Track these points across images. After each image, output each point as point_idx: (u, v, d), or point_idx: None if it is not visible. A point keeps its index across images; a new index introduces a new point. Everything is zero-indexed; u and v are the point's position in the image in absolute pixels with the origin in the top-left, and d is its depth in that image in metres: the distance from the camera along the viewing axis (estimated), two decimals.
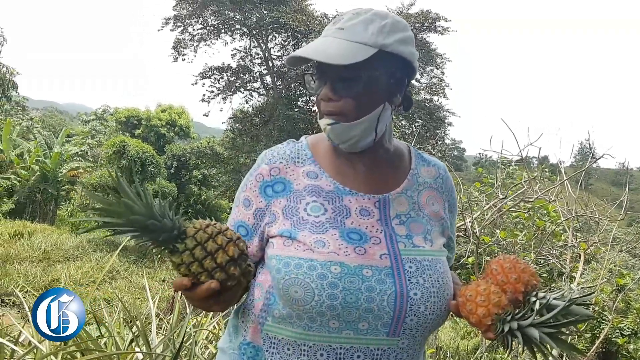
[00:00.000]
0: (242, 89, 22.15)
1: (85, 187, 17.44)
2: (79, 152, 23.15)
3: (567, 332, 0.97)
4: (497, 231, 4.11)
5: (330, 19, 20.74)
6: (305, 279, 1.00)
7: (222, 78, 21.90)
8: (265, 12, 19.86)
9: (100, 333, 2.74)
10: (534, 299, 0.99)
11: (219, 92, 21.69)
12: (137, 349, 2.47)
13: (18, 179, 18.76)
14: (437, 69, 20.72)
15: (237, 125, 21.31)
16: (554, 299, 0.98)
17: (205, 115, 21.98)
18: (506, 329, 0.95)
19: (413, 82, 18.88)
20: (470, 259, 3.87)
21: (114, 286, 9.74)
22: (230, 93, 21.80)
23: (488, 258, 5.26)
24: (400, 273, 1.04)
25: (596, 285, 4.11)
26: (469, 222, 3.54)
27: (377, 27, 1.05)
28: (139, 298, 8.97)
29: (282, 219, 1.09)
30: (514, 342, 0.96)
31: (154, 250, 0.88)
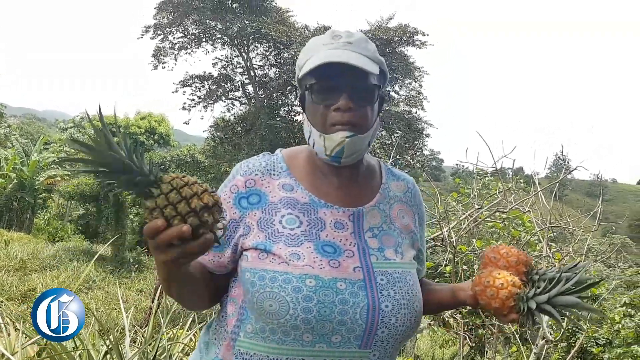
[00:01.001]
0: (223, 98, 22.13)
1: (62, 196, 17.15)
2: (57, 160, 22.78)
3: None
4: (474, 240, 4.18)
5: (312, 30, 20.94)
6: (280, 292, 1.00)
7: (203, 86, 21.85)
8: (246, 22, 19.92)
9: (75, 345, 2.69)
10: (536, 276, 1.06)
11: (200, 100, 21.63)
12: None
13: None
14: (415, 81, 20.99)
15: (218, 133, 21.24)
16: (555, 273, 1.05)
17: (186, 123, 21.87)
18: (533, 305, 1.00)
19: (392, 94, 18.96)
20: (448, 268, 3.93)
21: (90, 296, 9.60)
22: (212, 101, 21.76)
23: (465, 267, 5.33)
24: (372, 286, 1.05)
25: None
26: (446, 231, 3.61)
27: (373, 47, 1.13)
28: (115, 309, 8.84)
29: (257, 231, 1.09)
30: (537, 318, 1.01)
31: (131, 193, 0.85)
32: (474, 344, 6.92)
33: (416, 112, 20.89)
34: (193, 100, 21.56)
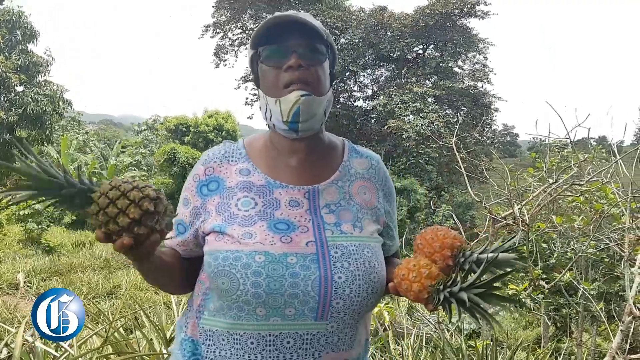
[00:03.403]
0: None
1: None
2: (133, 162, 23.99)
3: (500, 286, 0.98)
4: (554, 217, 3.97)
5: (367, 12, 20.68)
6: (231, 269, 1.04)
7: None
8: (301, 11, 19.95)
9: (147, 337, 2.85)
10: (462, 259, 1.02)
11: None
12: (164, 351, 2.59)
13: None
14: (480, 54, 20.22)
15: None
16: (480, 254, 1.00)
17: (250, 117, 22.35)
18: (441, 297, 0.97)
19: (455, 69, 18.35)
20: (524, 247, 3.74)
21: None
22: None
23: (545, 245, 5.08)
24: (325, 258, 1.07)
25: None
26: (518, 209, 3.42)
27: (319, 23, 1.16)
28: None
29: (215, 215, 1.13)
30: (454, 309, 0.97)
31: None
32: (559, 324, 6.61)
33: (482, 87, 20.14)
34: (255, 94, 21.96)
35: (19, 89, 13.49)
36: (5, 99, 13.29)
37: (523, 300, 3.60)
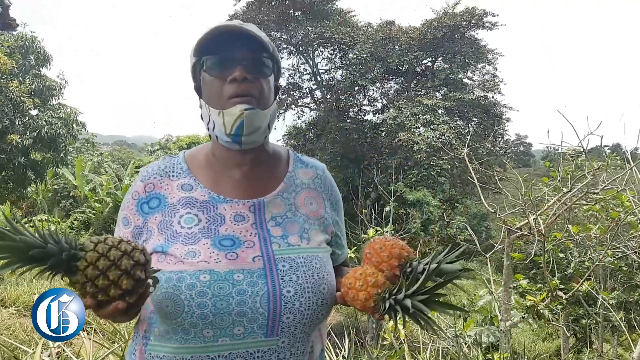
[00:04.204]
0: (293, 106, 22.49)
1: None
2: None
3: (444, 293, 0.98)
4: (570, 226, 3.92)
5: (375, 27, 20.76)
6: (174, 291, 0.99)
7: None
8: (309, 28, 20.12)
9: None
10: (409, 269, 1.02)
11: None
12: None
13: (93, 212, 19.80)
14: (489, 65, 20.19)
15: (291, 141, 21.63)
16: (425, 264, 1.01)
17: None
18: (387, 305, 0.97)
19: (465, 80, 18.32)
20: (541, 257, 3.70)
21: None
22: (282, 111, 22.18)
23: (562, 255, 5.01)
24: (273, 273, 1.04)
25: None
26: (533, 219, 3.39)
27: (265, 35, 1.13)
28: None
29: (157, 235, 1.08)
30: (399, 316, 0.97)
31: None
32: (579, 335, 6.50)
33: (493, 97, 20.08)
34: None
35: (33, 112, 13.71)
36: (20, 122, 13.51)
37: (541, 311, 3.55)
